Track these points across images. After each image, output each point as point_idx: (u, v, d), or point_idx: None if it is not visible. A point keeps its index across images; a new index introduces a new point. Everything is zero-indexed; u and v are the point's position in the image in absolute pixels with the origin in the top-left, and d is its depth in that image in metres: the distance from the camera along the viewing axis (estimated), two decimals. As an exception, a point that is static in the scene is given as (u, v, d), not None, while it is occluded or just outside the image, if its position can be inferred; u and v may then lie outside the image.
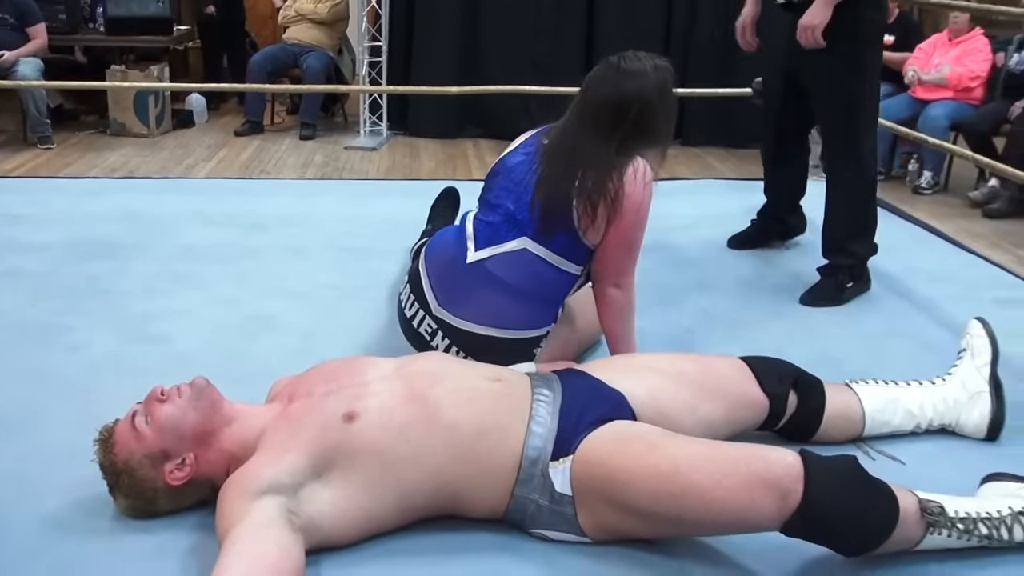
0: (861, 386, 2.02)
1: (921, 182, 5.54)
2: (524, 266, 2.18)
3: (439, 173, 5.67)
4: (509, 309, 2.18)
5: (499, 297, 2.18)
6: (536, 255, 2.17)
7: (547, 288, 2.21)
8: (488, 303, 2.18)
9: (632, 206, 2.14)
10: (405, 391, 1.65)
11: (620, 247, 2.18)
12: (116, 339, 2.50)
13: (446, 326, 2.21)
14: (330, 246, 3.29)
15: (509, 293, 2.18)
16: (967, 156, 3.58)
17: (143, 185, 4.32)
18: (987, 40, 5.63)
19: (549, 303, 2.24)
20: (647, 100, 2.20)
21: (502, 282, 2.18)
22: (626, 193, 2.13)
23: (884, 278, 3.08)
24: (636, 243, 2.21)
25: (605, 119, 2.19)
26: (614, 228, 2.15)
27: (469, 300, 2.19)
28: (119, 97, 6.31)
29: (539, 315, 2.22)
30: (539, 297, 2.21)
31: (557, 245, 2.17)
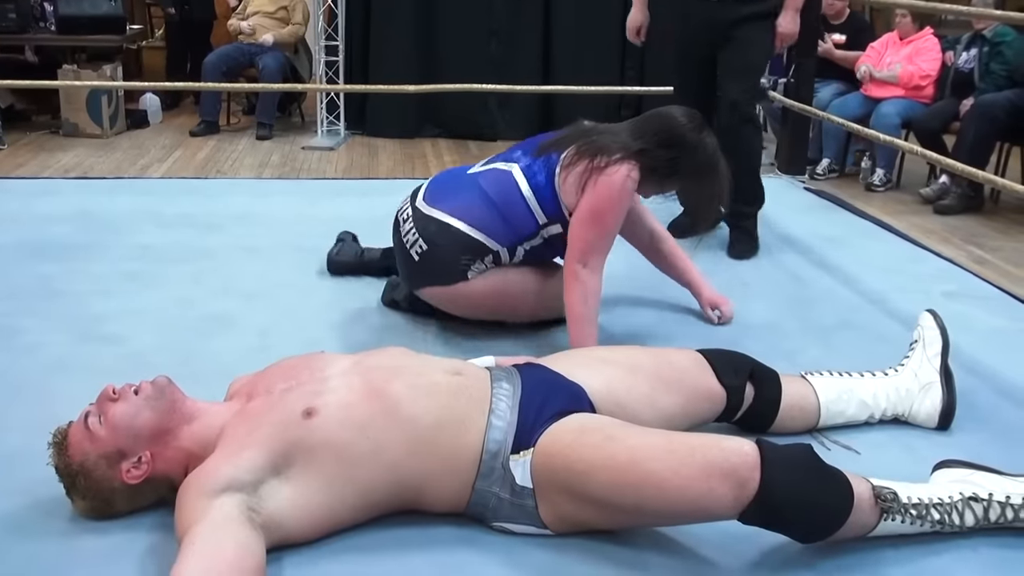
0: (816, 377, 2.05)
1: (874, 179, 5.63)
2: (502, 185, 2.42)
3: (397, 172, 5.66)
4: (474, 207, 2.42)
5: (472, 197, 2.43)
6: (516, 182, 2.40)
7: (511, 212, 2.40)
8: (462, 200, 2.45)
9: (605, 186, 2.28)
10: (364, 386, 1.65)
11: (589, 222, 2.31)
12: (70, 340, 2.46)
13: (418, 213, 2.49)
14: (286, 245, 3.27)
15: (481, 197, 2.43)
16: (918, 153, 3.64)
17: (97, 185, 4.26)
18: (937, 40, 5.72)
19: (508, 226, 2.41)
20: (689, 149, 2.33)
21: (481, 189, 2.44)
22: (607, 172, 2.28)
23: (837, 272, 3.12)
24: (605, 225, 2.32)
25: (647, 129, 2.36)
26: (585, 199, 2.30)
27: (449, 197, 2.48)
28: (72, 97, 6.23)
29: (494, 225, 2.41)
30: (502, 214, 2.41)
31: (535, 183, 2.38)
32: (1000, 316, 2.81)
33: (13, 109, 6.56)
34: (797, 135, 4.47)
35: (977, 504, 1.65)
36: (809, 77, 4.36)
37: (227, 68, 6.53)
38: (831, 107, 5.63)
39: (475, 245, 2.41)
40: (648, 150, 2.32)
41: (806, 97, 4.32)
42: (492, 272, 2.46)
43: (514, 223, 2.41)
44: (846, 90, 5.95)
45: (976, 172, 3.17)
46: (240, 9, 6.87)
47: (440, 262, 2.44)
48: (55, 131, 6.34)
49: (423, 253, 2.45)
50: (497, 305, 2.53)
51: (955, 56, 5.62)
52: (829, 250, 3.33)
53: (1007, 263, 4.18)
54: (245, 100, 7.33)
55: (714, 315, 2.69)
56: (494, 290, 2.47)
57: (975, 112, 5.15)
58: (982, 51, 5.42)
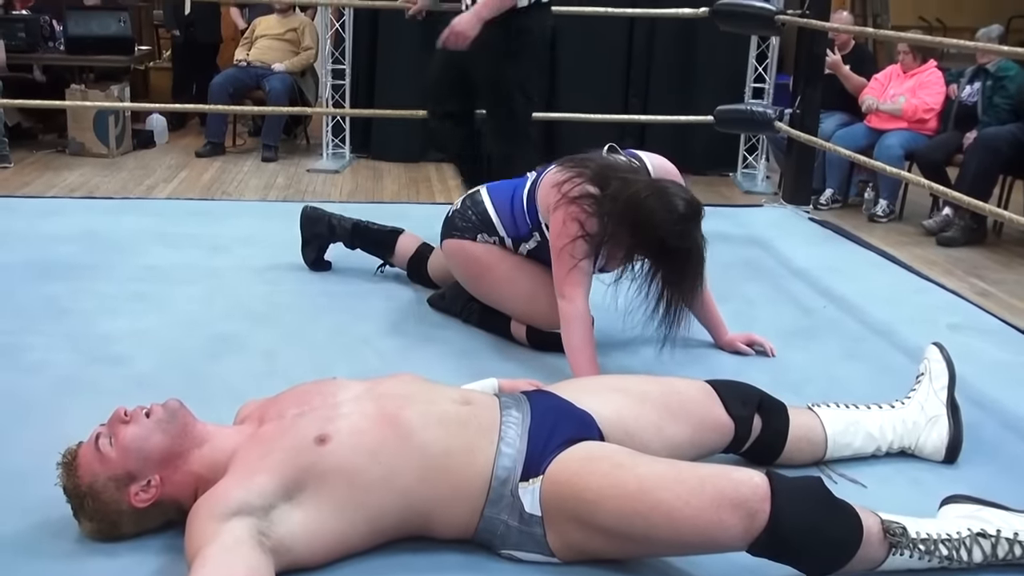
0: (823, 409, 2.05)
1: (877, 210, 5.65)
2: (518, 183, 2.63)
3: (402, 196, 5.68)
4: (502, 191, 2.64)
5: (508, 184, 2.67)
6: (522, 184, 2.60)
7: (514, 209, 2.58)
8: (503, 183, 2.71)
9: (559, 221, 2.36)
10: (376, 412, 1.65)
11: (555, 255, 2.40)
12: (76, 360, 2.46)
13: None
14: (292, 268, 3.28)
15: (511, 186, 2.65)
16: (922, 184, 3.65)
17: (103, 205, 4.27)
18: (940, 73, 5.77)
19: (512, 221, 2.59)
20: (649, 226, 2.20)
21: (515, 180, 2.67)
22: (561, 205, 2.34)
23: (842, 302, 3.13)
24: (566, 257, 2.34)
25: (619, 192, 2.26)
26: (551, 232, 2.42)
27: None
28: (79, 116, 6.27)
29: (505, 215, 2.60)
30: (511, 208, 2.59)
31: (530, 190, 2.54)
32: (1005, 349, 2.82)
33: (20, 127, 6.60)
34: (802, 165, 4.49)
35: (985, 540, 1.65)
36: (814, 108, 4.38)
37: (234, 90, 6.57)
38: (835, 138, 5.66)
39: (489, 222, 2.63)
40: (602, 202, 2.26)
41: (811, 128, 4.34)
42: (499, 247, 2.63)
43: (515, 220, 2.59)
44: (850, 121, 5.99)
45: (980, 204, 3.18)
46: (248, 33, 6.92)
47: (462, 219, 2.68)
48: (61, 150, 6.38)
49: (456, 211, 2.72)
50: (493, 279, 2.65)
51: (958, 89, 5.67)
52: (834, 280, 3.34)
53: (1010, 296, 4.20)
54: (251, 122, 7.37)
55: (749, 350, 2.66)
56: (492, 259, 2.63)
57: (978, 145, 5.19)
58: (985, 85, 5.46)
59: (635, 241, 2.26)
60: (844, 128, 5.91)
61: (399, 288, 3.09)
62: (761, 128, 4.82)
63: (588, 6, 5.10)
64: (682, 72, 6.78)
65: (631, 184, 2.27)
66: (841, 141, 5.57)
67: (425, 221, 4.04)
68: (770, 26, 4.28)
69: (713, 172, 6.70)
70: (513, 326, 2.69)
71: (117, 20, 6.54)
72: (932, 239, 5.24)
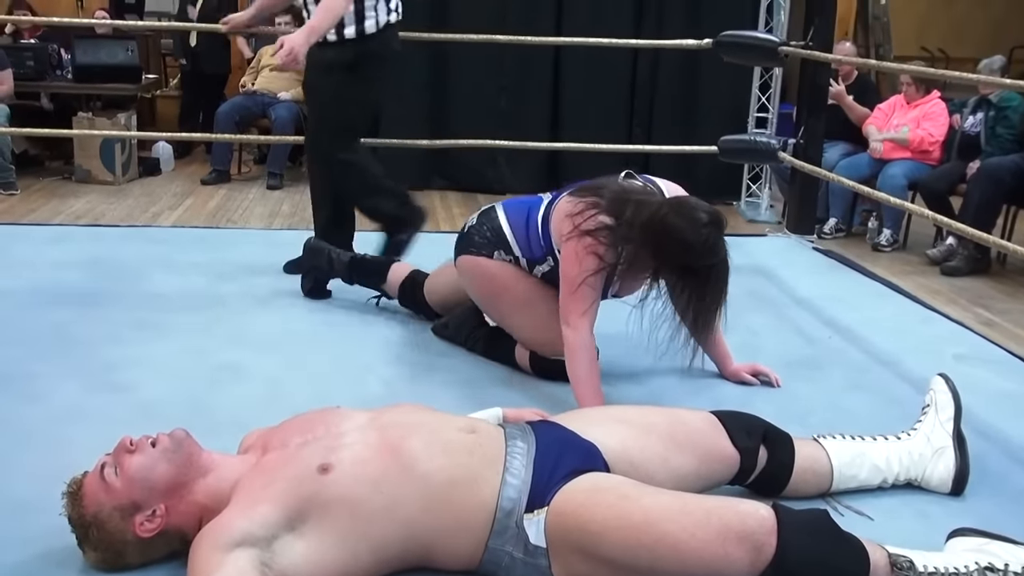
0: (828, 441, 2.04)
1: (880, 239, 5.66)
2: (533, 205, 2.61)
3: (406, 224, 5.68)
4: (519, 211, 2.62)
5: (523, 204, 2.65)
6: (537, 207, 2.58)
7: (529, 232, 2.57)
8: (518, 202, 2.68)
9: (571, 251, 2.34)
10: (379, 442, 1.65)
11: (563, 282, 2.39)
12: (81, 388, 2.47)
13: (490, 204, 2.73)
14: (296, 296, 3.29)
15: (527, 206, 2.62)
16: (925, 215, 3.66)
17: (108, 233, 4.29)
18: (944, 103, 5.79)
19: (527, 243, 2.58)
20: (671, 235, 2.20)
21: (531, 201, 2.65)
22: (565, 234, 2.35)
23: (847, 332, 3.12)
24: (572, 285, 2.34)
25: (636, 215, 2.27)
26: (561, 260, 2.40)
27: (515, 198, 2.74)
28: (85, 144, 6.30)
29: (520, 236, 2.58)
30: (527, 230, 2.58)
31: (545, 214, 2.52)
32: (1010, 379, 2.81)
33: (27, 155, 6.64)
34: (805, 195, 4.50)
35: (993, 574, 1.64)
36: (818, 138, 4.40)
37: (240, 118, 6.61)
38: (838, 167, 5.68)
39: (504, 240, 2.61)
40: (618, 230, 2.27)
41: (815, 157, 4.35)
42: (513, 266, 2.61)
43: (530, 242, 2.57)
44: (853, 150, 6.01)
45: (983, 235, 3.18)
46: (254, 62, 6.97)
47: (479, 235, 2.65)
48: (68, 177, 6.41)
49: (472, 227, 2.69)
50: (507, 300, 2.63)
51: (961, 119, 5.69)
52: (838, 310, 3.34)
53: (1015, 326, 4.19)
54: (256, 149, 7.41)
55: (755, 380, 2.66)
56: (508, 279, 2.60)
57: (981, 175, 5.20)
58: (988, 115, 5.48)
59: (660, 262, 2.27)
60: (848, 158, 5.92)
61: (402, 316, 3.10)
62: (765, 158, 4.84)
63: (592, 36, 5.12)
64: (686, 102, 6.81)
65: (648, 205, 2.27)
66: (844, 171, 5.58)
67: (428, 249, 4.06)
68: (773, 57, 4.30)
69: (717, 201, 6.69)
70: (517, 352, 2.69)
71: (125, 49, 6.59)
72: (936, 268, 5.24)
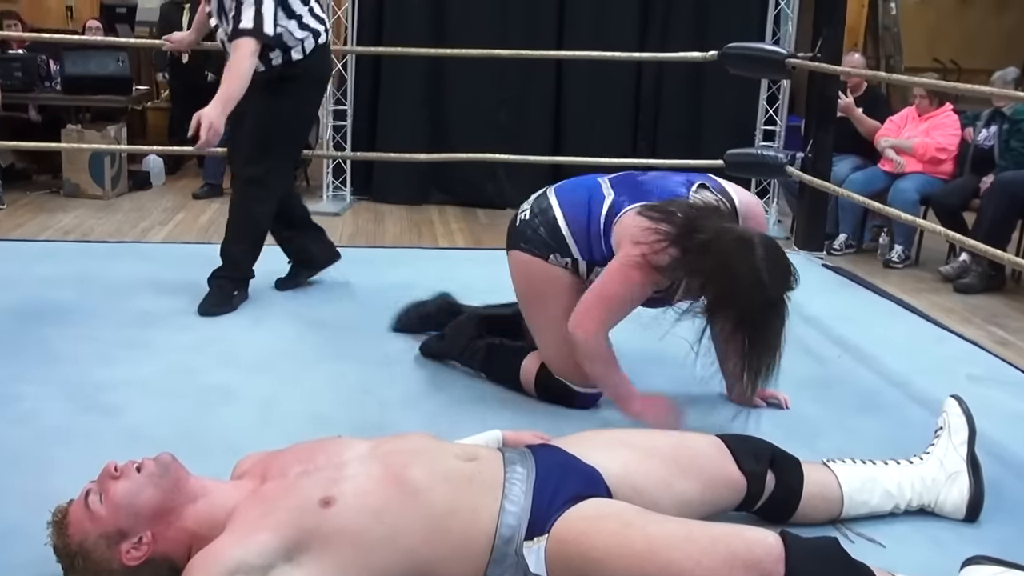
0: (838, 465, 2.04)
1: (892, 256, 5.66)
2: (595, 201, 2.52)
3: (404, 240, 5.71)
4: (577, 206, 2.53)
5: (582, 197, 2.55)
6: (599, 203, 2.50)
7: (591, 230, 2.49)
8: (576, 195, 2.57)
9: (621, 268, 2.35)
10: (382, 472, 1.65)
11: (599, 289, 2.40)
12: (68, 409, 2.46)
13: (542, 193, 2.63)
14: (288, 315, 3.29)
15: (587, 200, 2.53)
16: (937, 231, 3.66)
17: (97, 249, 4.30)
18: (956, 115, 5.80)
19: (587, 242, 2.50)
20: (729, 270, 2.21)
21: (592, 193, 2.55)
22: (626, 254, 2.34)
23: (857, 352, 3.12)
24: (608, 300, 2.37)
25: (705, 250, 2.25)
26: (610, 265, 2.39)
27: (569, 187, 2.63)
28: (74, 157, 6.32)
29: (580, 234, 2.50)
30: (587, 227, 2.50)
31: (607, 217, 2.47)
32: (1026, 401, 2.81)
33: (14, 168, 6.65)
34: (814, 210, 4.51)
35: (1009, 603, 1.63)
36: (826, 151, 4.41)
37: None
38: (848, 182, 5.69)
39: (561, 240, 2.53)
40: (682, 263, 2.27)
41: (823, 172, 4.36)
42: (570, 276, 2.54)
43: (591, 244, 2.50)
44: (864, 164, 6.02)
45: (998, 253, 3.18)
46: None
47: (532, 231, 2.57)
48: (56, 191, 6.42)
49: (525, 220, 2.60)
50: (552, 309, 2.55)
51: (975, 132, 5.70)
52: (849, 329, 3.34)
53: (1031, 345, 4.19)
54: (250, 163, 7.43)
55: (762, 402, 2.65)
56: (560, 288, 2.53)
57: (995, 189, 5.20)
58: (1002, 128, 5.49)
59: (717, 300, 2.26)
60: (858, 171, 5.93)
61: (401, 336, 3.09)
62: (772, 173, 4.85)
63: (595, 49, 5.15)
64: (691, 115, 6.83)
65: (717, 242, 2.23)
66: (855, 185, 5.59)
67: (426, 265, 4.08)
68: (780, 70, 4.32)
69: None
70: (523, 371, 2.67)
71: (115, 60, 6.60)
72: (949, 286, 5.24)
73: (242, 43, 3.09)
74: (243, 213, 3.39)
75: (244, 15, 3.08)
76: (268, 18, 3.09)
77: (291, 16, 3.23)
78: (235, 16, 3.11)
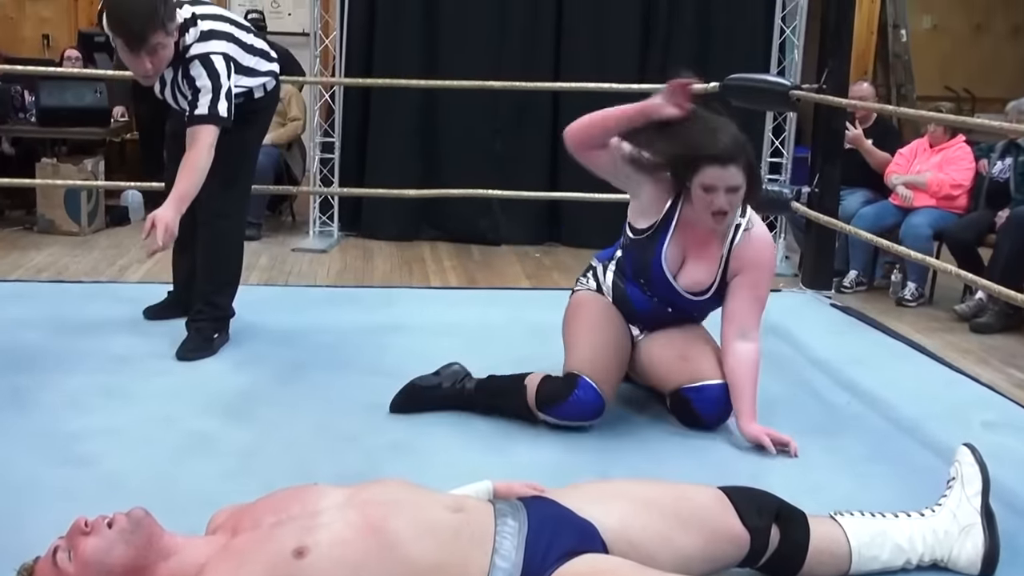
0: (846, 518, 2.04)
1: (905, 293, 5.66)
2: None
3: (394, 278, 5.72)
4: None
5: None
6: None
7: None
8: None
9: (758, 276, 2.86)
10: (360, 521, 1.65)
11: (750, 302, 2.85)
12: (39, 461, 2.46)
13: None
14: (271, 358, 3.29)
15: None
16: (949, 271, 3.68)
17: (72, 289, 4.31)
18: (969, 148, 5.83)
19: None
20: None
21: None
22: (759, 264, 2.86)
23: (866, 396, 3.13)
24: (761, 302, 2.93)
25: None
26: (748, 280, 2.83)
27: None
28: (48, 192, 6.34)
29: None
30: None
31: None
32: (1044, 449, 2.81)
33: (-15, 203, 6.67)
34: (822, 248, 4.53)
35: (1025, 664, 1.63)
36: (834, 186, 4.44)
37: (215, 164, 6.64)
38: (858, 217, 5.71)
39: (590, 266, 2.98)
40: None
41: (831, 207, 4.39)
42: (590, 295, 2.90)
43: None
44: (874, 198, 6.03)
45: (1013, 294, 3.18)
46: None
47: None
48: (29, 227, 6.44)
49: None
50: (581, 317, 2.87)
51: (989, 165, 5.72)
52: (858, 373, 3.34)
53: (1051, 389, 4.19)
54: (233, 197, 7.43)
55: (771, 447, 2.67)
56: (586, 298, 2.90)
57: (1011, 224, 5.22)
58: (1017, 160, 5.53)
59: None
60: (868, 206, 5.95)
61: (389, 380, 3.09)
62: (778, 209, 4.87)
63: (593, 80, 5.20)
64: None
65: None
66: (865, 220, 5.62)
67: (417, 306, 4.09)
68: (784, 102, 4.36)
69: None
70: (528, 382, 2.75)
71: (93, 91, 6.63)
72: (965, 325, 5.25)
73: (202, 132, 3.11)
74: (217, 250, 3.42)
75: (201, 101, 3.11)
76: (225, 103, 3.13)
77: (248, 73, 3.29)
78: (192, 102, 3.13)
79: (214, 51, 3.15)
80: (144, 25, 2.96)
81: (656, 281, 2.77)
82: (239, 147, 3.32)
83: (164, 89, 3.30)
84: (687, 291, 2.78)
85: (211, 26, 3.19)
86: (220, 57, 3.15)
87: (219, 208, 3.33)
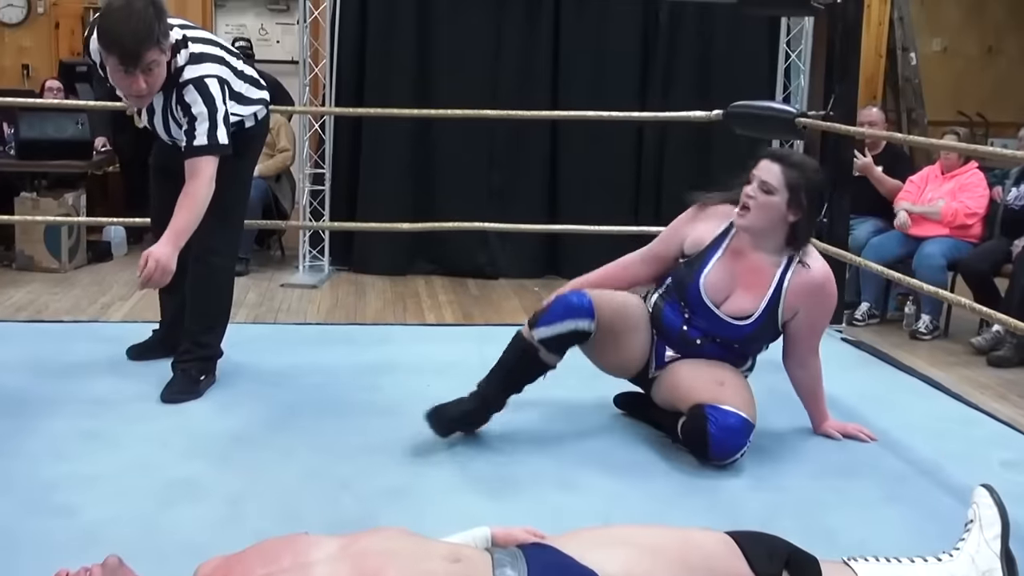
0: (860, 564, 2.03)
1: (919, 326, 5.66)
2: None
3: (387, 315, 5.72)
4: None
5: None
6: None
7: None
8: None
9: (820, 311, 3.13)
10: (353, 573, 1.65)
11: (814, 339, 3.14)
12: (16, 511, 2.45)
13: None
14: (259, 400, 3.29)
15: None
16: (963, 304, 3.69)
17: (51, 329, 4.31)
18: (983, 174, 5.84)
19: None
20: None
21: None
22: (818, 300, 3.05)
23: (881, 435, 3.13)
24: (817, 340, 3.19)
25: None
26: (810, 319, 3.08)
27: None
28: (28, 227, 6.35)
29: None
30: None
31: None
32: (1066, 489, 2.81)
33: (-39, 239, 6.68)
34: (832, 279, 4.54)
35: None
36: (843, 216, 4.46)
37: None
38: (868, 247, 5.72)
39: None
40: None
41: (840, 237, 4.40)
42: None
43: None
44: (885, 227, 6.05)
45: (1030, 327, 3.19)
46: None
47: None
48: (7, 264, 6.45)
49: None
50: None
51: (1003, 191, 5.74)
52: (872, 411, 3.35)
53: (1072, 424, 4.19)
54: (220, 231, 7.44)
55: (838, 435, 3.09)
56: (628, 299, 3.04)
57: (1028, 254, 5.24)
58: (1033, 187, 5.55)
59: None
60: (879, 235, 5.97)
61: (382, 421, 3.10)
62: (781, 129, 4.83)
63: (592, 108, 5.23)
64: (698, 176, 6.90)
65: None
66: (876, 251, 5.63)
67: (413, 343, 4.09)
68: (791, 130, 4.38)
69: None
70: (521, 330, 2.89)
71: (75, 122, 6.66)
72: (982, 359, 5.25)
73: (202, 164, 3.09)
74: (208, 288, 3.41)
75: (199, 130, 3.10)
76: (223, 129, 3.13)
77: (240, 100, 3.30)
78: (188, 131, 3.12)
79: (208, 74, 3.15)
80: (139, 41, 2.94)
81: (693, 303, 2.93)
82: (232, 179, 3.31)
83: (153, 117, 3.29)
84: (730, 316, 2.90)
85: (202, 49, 3.20)
86: (215, 80, 3.15)
87: (212, 244, 3.32)
